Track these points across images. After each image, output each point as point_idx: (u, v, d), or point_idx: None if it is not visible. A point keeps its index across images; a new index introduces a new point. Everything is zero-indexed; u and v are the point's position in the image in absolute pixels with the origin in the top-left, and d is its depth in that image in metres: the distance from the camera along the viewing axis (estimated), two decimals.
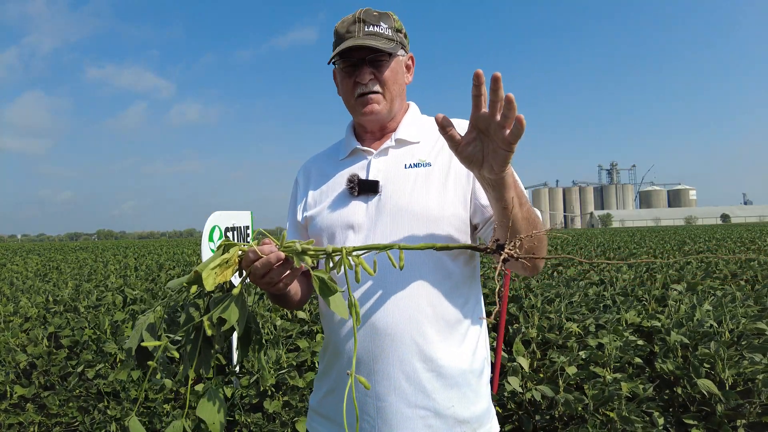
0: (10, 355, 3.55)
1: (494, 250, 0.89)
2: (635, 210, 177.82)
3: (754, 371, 2.46)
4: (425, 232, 1.10)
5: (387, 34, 1.15)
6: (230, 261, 0.92)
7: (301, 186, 1.33)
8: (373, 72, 1.16)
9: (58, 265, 12.06)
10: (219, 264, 0.90)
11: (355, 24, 1.14)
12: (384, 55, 1.16)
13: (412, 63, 1.26)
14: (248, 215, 3.30)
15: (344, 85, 1.20)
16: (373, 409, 1.08)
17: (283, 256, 0.93)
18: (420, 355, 1.07)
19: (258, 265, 0.93)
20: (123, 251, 19.00)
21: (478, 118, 0.84)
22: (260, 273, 0.94)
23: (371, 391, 1.08)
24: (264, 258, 0.92)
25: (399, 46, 1.18)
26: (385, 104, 1.18)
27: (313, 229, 1.23)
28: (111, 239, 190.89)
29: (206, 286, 0.87)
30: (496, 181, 0.90)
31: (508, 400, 2.67)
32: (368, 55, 1.14)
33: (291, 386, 2.81)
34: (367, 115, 1.18)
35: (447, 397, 1.08)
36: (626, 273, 6.24)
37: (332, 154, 1.32)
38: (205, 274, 0.87)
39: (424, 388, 1.06)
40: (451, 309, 1.11)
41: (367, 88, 1.16)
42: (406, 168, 1.17)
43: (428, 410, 1.07)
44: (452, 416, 1.08)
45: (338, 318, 1.13)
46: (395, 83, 1.19)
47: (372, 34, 1.13)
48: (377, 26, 1.14)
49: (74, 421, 3.02)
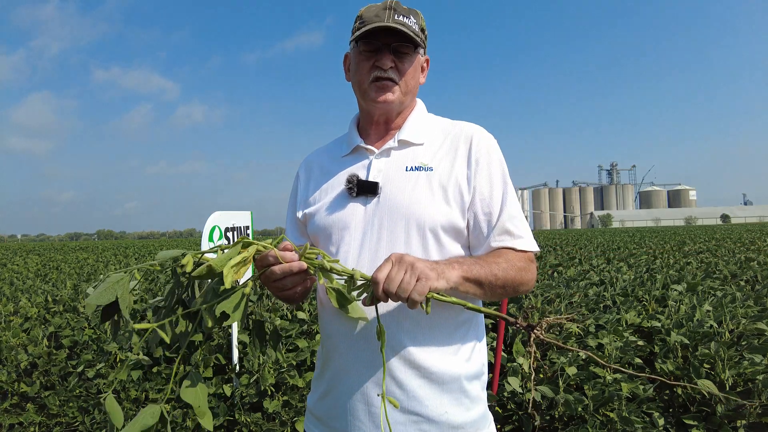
0: (11, 354, 3.55)
1: (525, 328, 0.94)
2: (635, 210, 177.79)
3: (754, 372, 2.46)
4: (421, 237, 1.09)
5: (415, 28, 1.13)
6: (248, 260, 0.90)
7: (302, 181, 1.31)
8: (394, 60, 1.14)
9: (58, 265, 12.05)
10: (238, 262, 0.88)
11: (386, 11, 1.12)
12: (408, 47, 1.14)
13: (427, 65, 1.25)
14: (248, 215, 3.30)
15: (361, 68, 1.16)
16: (365, 415, 1.07)
17: (305, 266, 0.91)
18: (410, 363, 1.06)
19: (277, 270, 0.91)
20: (123, 251, 18.99)
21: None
22: (276, 278, 0.93)
23: (363, 396, 1.07)
24: (285, 265, 0.91)
25: (422, 44, 1.17)
26: (399, 95, 1.16)
27: (311, 227, 1.22)
28: (111, 239, 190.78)
29: (226, 284, 0.84)
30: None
31: (508, 400, 2.67)
32: (394, 43, 1.12)
33: (291, 386, 2.81)
34: (380, 103, 1.15)
35: (440, 404, 1.07)
36: (626, 273, 6.24)
37: (334, 149, 1.30)
38: (226, 270, 0.85)
39: (416, 395, 1.06)
40: (444, 315, 1.10)
41: (386, 74, 1.13)
42: (407, 170, 1.15)
43: (421, 416, 1.06)
44: (446, 422, 1.07)
45: (333, 322, 1.13)
46: (413, 78, 1.18)
47: (401, 24, 1.11)
48: (407, 18, 1.12)
49: (74, 421, 3.02)
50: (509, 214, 1.11)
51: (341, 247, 1.13)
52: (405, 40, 1.12)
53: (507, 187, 1.15)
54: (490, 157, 1.15)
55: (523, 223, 1.13)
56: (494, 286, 1.02)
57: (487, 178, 1.13)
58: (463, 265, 0.98)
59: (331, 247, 1.16)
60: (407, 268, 0.89)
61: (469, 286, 0.98)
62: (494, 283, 1.01)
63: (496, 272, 1.02)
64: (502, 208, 1.11)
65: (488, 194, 1.12)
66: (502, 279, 1.02)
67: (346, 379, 1.10)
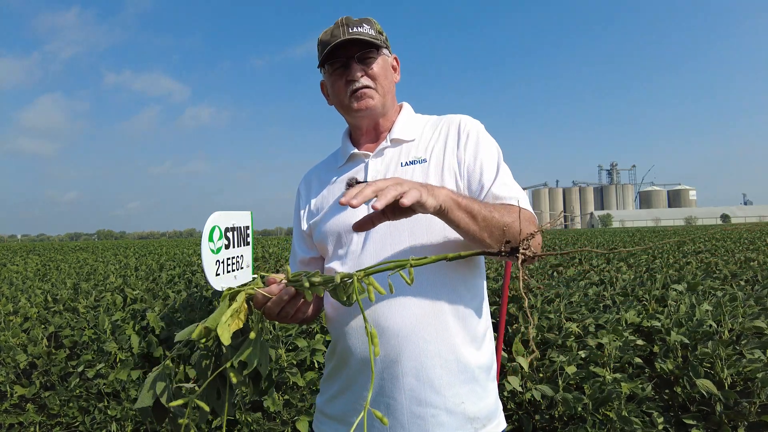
0: (11, 354, 3.55)
1: (509, 253, 0.86)
2: (635, 210, 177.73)
3: (753, 370, 2.46)
4: (425, 228, 1.11)
5: (371, 34, 1.18)
6: (240, 308, 0.91)
7: (303, 196, 1.35)
8: (363, 68, 1.18)
9: (58, 265, 12.06)
10: (230, 315, 0.89)
11: (340, 27, 1.17)
12: (371, 51, 1.18)
13: (397, 63, 1.29)
14: (248, 215, 3.29)
15: (336, 87, 1.21)
16: (384, 408, 1.08)
17: (293, 291, 0.92)
18: (430, 353, 1.07)
19: (271, 305, 0.93)
20: (123, 251, 19.01)
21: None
22: (275, 312, 0.94)
23: (382, 390, 1.09)
24: (275, 298, 0.93)
25: (383, 45, 1.21)
26: (379, 98, 1.20)
27: (317, 235, 1.24)
28: (111, 239, 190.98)
29: (223, 341, 0.84)
30: (434, 213, 0.92)
31: (508, 399, 2.67)
32: (356, 53, 1.17)
33: (291, 385, 2.81)
34: (362, 111, 1.19)
35: (457, 394, 1.08)
36: (626, 273, 6.24)
37: (331, 162, 1.35)
38: (221, 330, 0.85)
39: (435, 386, 1.07)
40: (462, 304, 1.12)
41: (360, 83, 1.17)
42: (403, 166, 1.18)
43: (439, 408, 1.07)
44: (462, 413, 1.08)
45: (346, 322, 1.14)
46: (386, 78, 1.22)
47: (357, 34, 1.16)
48: (360, 27, 1.17)
49: (74, 421, 3.02)
50: (501, 182, 1.12)
51: (349, 248, 1.16)
52: (366, 46, 1.17)
53: (499, 162, 1.16)
54: (478, 136, 1.18)
55: (516, 189, 1.12)
56: (489, 223, 0.97)
57: (474, 153, 1.15)
58: (452, 192, 0.96)
59: (339, 249, 1.19)
60: (394, 180, 0.87)
61: (461, 214, 0.95)
62: (489, 220, 0.97)
63: (490, 209, 0.99)
64: (494, 176, 1.13)
65: (479, 168, 1.14)
66: (498, 218, 0.98)
67: (362, 377, 1.12)
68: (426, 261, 0.86)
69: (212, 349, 0.95)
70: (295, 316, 0.99)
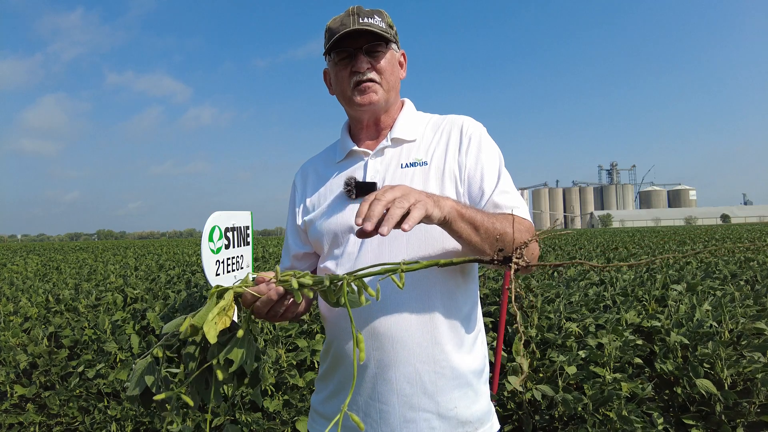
0: (11, 354, 3.55)
1: (501, 261, 0.85)
2: (635, 210, 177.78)
3: (753, 370, 2.46)
4: (424, 232, 1.09)
5: (381, 26, 1.15)
6: (227, 306, 0.90)
7: (299, 189, 1.32)
8: (369, 61, 1.15)
9: (58, 265, 12.05)
10: (217, 313, 0.87)
11: (350, 16, 1.13)
12: (380, 45, 1.15)
13: (404, 59, 1.26)
14: (248, 215, 3.29)
15: (340, 77, 1.18)
16: (377, 413, 1.08)
17: (282, 290, 0.91)
18: (424, 358, 1.07)
19: (259, 305, 0.92)
20: (123, 251, 19.00)
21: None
22: (264, 311, 0.93)
23: (375, 394, 1.08)
24: (264, 297, 0.91)
25: (393, 39, 1.18)
26: (383, 93, 1.17)
27: (313, 233, 1.22)
28: (111, 239, 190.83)
29: (210, 339, 0.83)
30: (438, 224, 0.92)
31: (508, 400, 2.67)
32: (365, 44, 1.14)
33: (291, 385, 2.81)
34: (365, 105, 1.16)
35: (449, 399, 1.08)
36: (626, 273, 6.24)
37: (329, 155, 1.31)
38: (207, 327, 0.84)
39: (427, 391, 1.06)
40: (456, 309, 1.11)
41: (366, 76, 1.15)
42: (403, 167, 1.16)
43: (431, 412, 1.06)
44: (455, 417, 1.08)
45: (340, 323, 1.13)
46: (392, 74, 1.19)
47: (368, 25, 1.13)
48: (371, 18, 1.14)
49: (74, 421, 3.02)
50: (502, 189, 1.11)
51: (346, 249, 1.14)
52: (375, 39, 1.13)
53: (500, 169, 1.15)
54: (481, 141, 1.16)
55: (517, 197, 1.12)
56: (491, 234, 0.96)
57: (476, 158, 1.14)
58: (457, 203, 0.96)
59: (335, 249, 1.17)
60: (402, 190, 0.85)
61: (464, 225, 0.94)
62: (490, 230, 0.96)
63: (492, 220, 0.98)
64: (495, 184, 1.12)
65: (479, 174, 1.12)
66: (500, 228, 0.97)
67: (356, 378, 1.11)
68: (417, 266, 0.84)
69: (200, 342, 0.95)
70: (285, 315, 0.97)
